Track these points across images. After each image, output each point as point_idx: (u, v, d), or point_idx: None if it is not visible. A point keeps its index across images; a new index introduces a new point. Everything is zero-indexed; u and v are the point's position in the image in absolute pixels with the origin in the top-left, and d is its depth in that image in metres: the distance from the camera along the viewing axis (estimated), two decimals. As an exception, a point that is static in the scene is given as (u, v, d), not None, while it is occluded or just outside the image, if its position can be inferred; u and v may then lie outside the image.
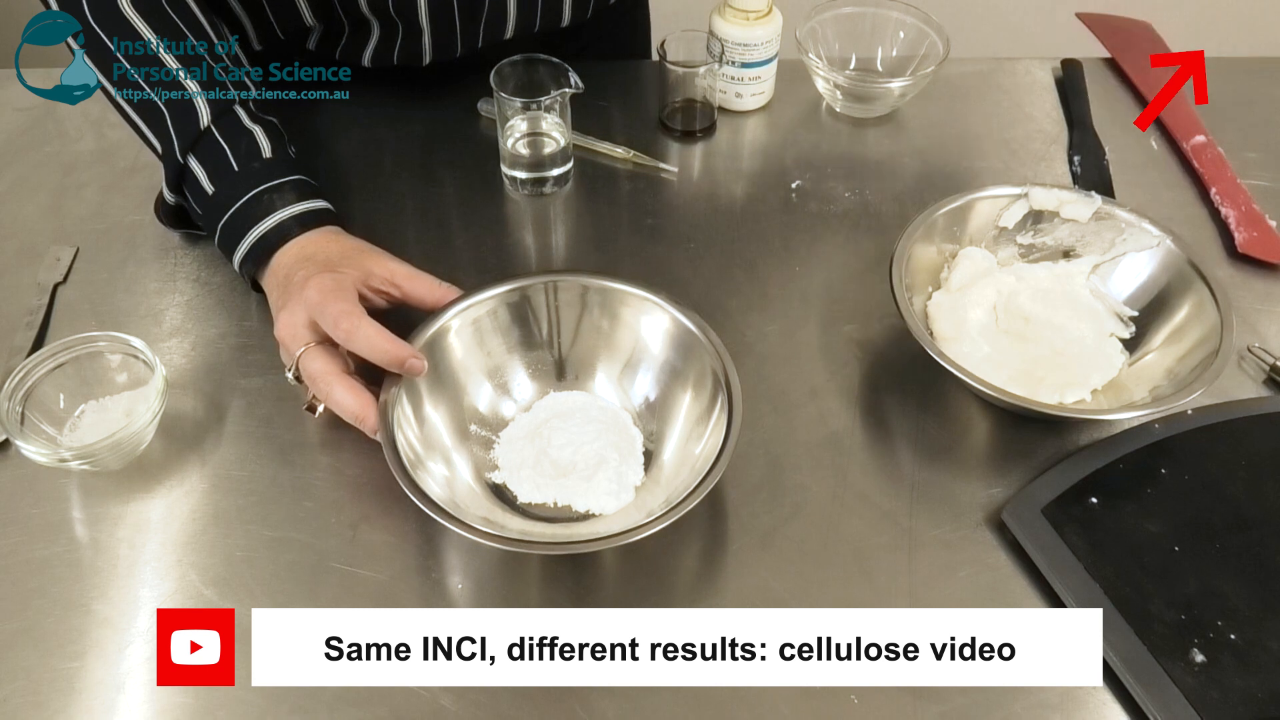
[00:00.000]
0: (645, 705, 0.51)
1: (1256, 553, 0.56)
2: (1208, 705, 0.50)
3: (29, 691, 0.52)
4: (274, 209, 0.65)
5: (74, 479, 0.60)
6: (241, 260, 0.66)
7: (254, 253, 0.65)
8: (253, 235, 0.65)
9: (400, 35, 0.79)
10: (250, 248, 0.65)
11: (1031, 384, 0.63)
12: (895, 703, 0.51)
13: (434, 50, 0.80)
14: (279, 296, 0.63)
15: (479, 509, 0.56)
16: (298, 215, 0.66)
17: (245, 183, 0.66)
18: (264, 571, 0.56)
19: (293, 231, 0.65)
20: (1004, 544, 0.58)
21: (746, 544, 0.58)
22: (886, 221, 0.77)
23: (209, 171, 0.66)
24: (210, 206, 0.66)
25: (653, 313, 0.62)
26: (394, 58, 0.81)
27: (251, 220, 0.65)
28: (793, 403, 0.65)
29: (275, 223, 0.65)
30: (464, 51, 0.82)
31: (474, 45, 0.82)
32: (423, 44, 0.80)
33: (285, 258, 0.64)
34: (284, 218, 0.65)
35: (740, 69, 0.83)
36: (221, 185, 0.66)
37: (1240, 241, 0.75)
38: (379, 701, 0.51)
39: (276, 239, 0.65)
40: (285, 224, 0.65)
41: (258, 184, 0.66)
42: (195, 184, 0.67)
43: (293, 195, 0.66)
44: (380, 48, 0.81)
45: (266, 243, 0.65)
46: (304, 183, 0.68)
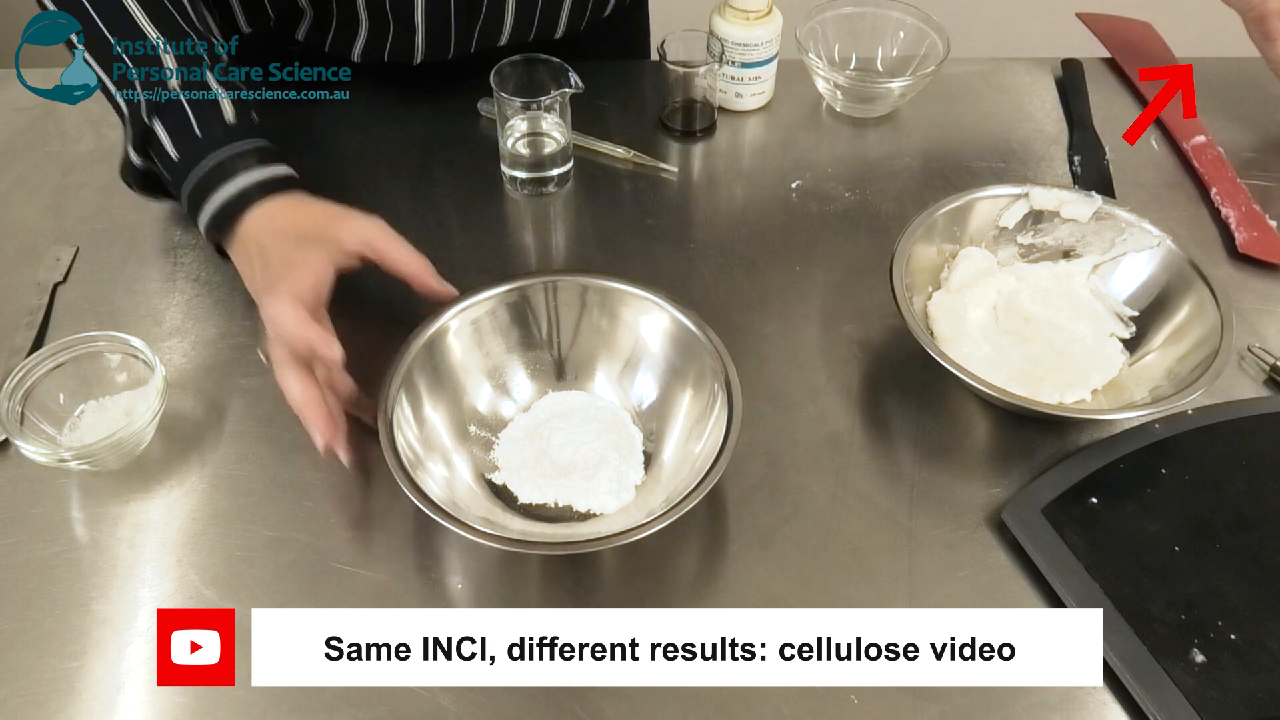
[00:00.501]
0: (645, 705, 0.51)
1: (1256, 553, 0.56)
2: (1208, 705, 0.49)
3: (29, 691, 0.52)
4: (234, 174, 0.64)
5: (74, 479, 0.60)
6: (206, 227, 0.65)
7: (217, 219, 0.64)
8: (214, 201, 0.64)
9: (391, 32, 0.79)
10: (214, 214, 0.64)
11: (1031, 384, 0.63)
12: (895, 703, 0.51)
13: (426, 50, 0.80)
14: (259, 272, 0.62)
15: (479, 509, 0.56)
16: (260, 182, 0.65)
17: (207, 149, 0.65)
18: (264, 571, 0.56)
19: (254, 196, 0.64)
20: (1004, 544, 0.58)
21: (746, 544, 0.58)
22: (886, 221, 0.77)
23: (173, 137, 0.66)
24: (175, 172, 0.66)
25: (653, 313, 0.62)
26: (385, 54, 0.81)
27: (213, 186, 0.64)
28: (793, 403, 0.65)
29: (237, 189, 0.64)
30: (456, 54, 0.82)
31: (467, 49, 0.81)
32: (416, 43, 0.79)
33: (253, 227, 0.64)
34: (246, 184, 0.64)
35: (740, 69, 0.83)
36: (184, 150, 0.65)
37: (1240, 241, 0.75)
38: (379, 701, 0.51)
39: (239, 205, 0.64)
40: (248, 190, 0.64)
41: (218, 149, 0.65)
42: (160, 148, 0.66)
43: (254, 160, 0.65)
44: (370, 43, 0.80)
45: (229, 209, 0.64)
46: (266, 149, 0.67)
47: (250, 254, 0.63)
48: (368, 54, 0.82)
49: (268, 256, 0.62)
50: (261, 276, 0.62)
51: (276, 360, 0.59)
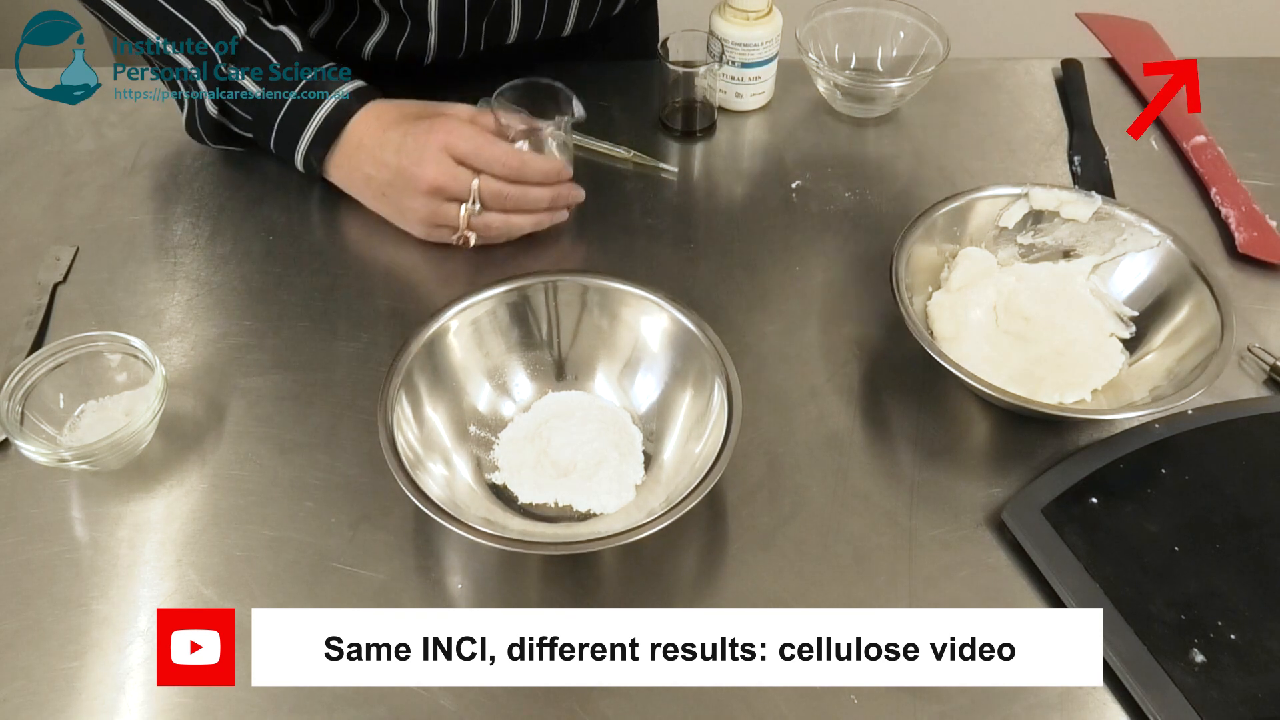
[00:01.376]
0: (645, 705, 0.51)
1: (1256, 553, 0.56)
2: (1208, 705, 0.49)
3: (29, 691, 0.52)
4: (328, 92, 0.69)
5: (74, 479, 0.60)
6: (308, 147, 0.70)
7: (321, 136, 0.69)
8: (315, 120, 0.69)
9: (408, 29, 0.79)
10: (316, 132, 0.69)
11: (1032, 384, 0.63)
12: (895, 703, 0.51)
13: (439, 48, 0.81)
14: (393, 160, 0.68)
15: (479, 509, 0.56)
16: (353, 90, 0.70)
17: (291, 76, 0.70)
18: (264, 571, 0.56)
19: (353, 108, 0.69)
20: (1004, 544, 0.58)
21: (746, 544, 0.58)
22: (886, 221, 0.77)
23: (253, 77, 0.70)
24: (260, 108, 0.70)
25: (653, 313, 0.62)
26: (397, 52, 0.81)
27: (310, 108, 0.69)
28: (793, 403, 0.65)
29: (335, 102, 0.69)
30: (467, 53, 0.82)
31: (477, 47, 0.82)
32: (429, 41, 0.80)
33: (362, 130, 0.69)
34: (342, 95, 0.70)
35: (740, 69, 0.83)
36: (267, 85, 0.70)
37: (1240, 241, 0.75)
38: (379, 701, 0.51)
39: (340, 117, 0.69)
40: (345, 102, 0.70)
41: (304, 74, 0.70)
42: (241, 92, 0.70)
43: (339, 78, 0.71)
44: (386, 39, 0.81)
45: (330, 124, 0.69)
46: (341, 67, 0.72)
47: (371, 154, 0.69)
48: (380, 50, 0.82)
49: (397, 144, 0.68)
50: (395, 160, 0.67)
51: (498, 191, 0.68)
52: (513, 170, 0.68)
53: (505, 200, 0.69)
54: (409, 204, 0.69)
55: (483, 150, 0.67)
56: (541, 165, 0.69)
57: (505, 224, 0.70)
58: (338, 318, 0.70)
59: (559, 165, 0.70)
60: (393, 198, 0.70)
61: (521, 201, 0.69)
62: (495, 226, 0.70)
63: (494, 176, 0.68)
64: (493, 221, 0.70)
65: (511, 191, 0.68)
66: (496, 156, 0.68)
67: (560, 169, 0.70)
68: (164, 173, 0.80)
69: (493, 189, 0.68)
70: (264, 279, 0.72)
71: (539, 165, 0.69)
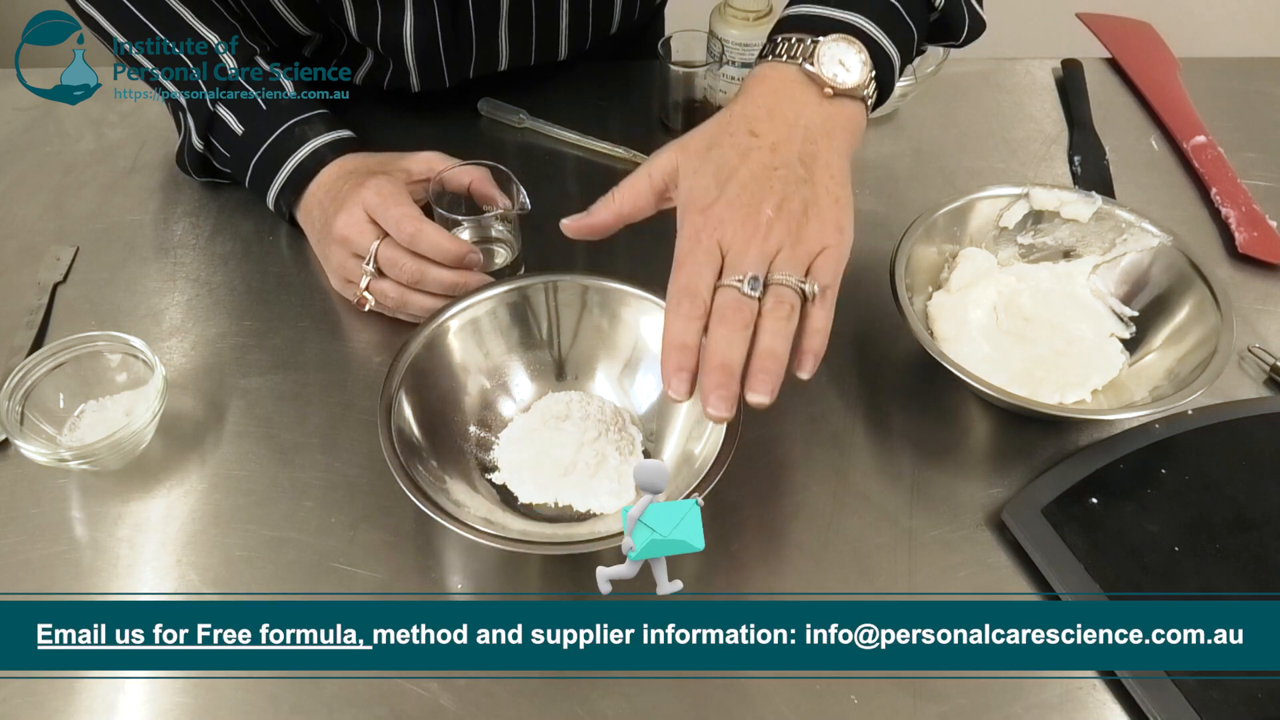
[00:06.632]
0: (645, 704, 0.51)
1: (1256, 553, 0.56)
2: (1208, 705, 0.49)
3: (29, 692, 0.52)
4: (306, 139, 0.69)
5: (74, 479, 0.60)
6: (279, 191, 0.69)
7: (292, 181, 0.69)
8: (289, 165, 0.69)
9: (390, 67, 0.80)
10: (288, 177, 0.69)
11: (1032, 384, 0.63)
12: (895, 703, 0.51)
13: (423, 82, 0.81)
14: (329, 206, 0.66)
15: (479, 509, 0.56)
16: (330, 143, 0.70)
17: (275, 118, 0.69)
18: (264, 571, 0.56)
19: (327, 158, 0.69)
20: (1004, 544, 0.58)
21: (746, 544, 0.58)
22: (886, 221, 0.77)
23: (237, 114, 0.70)
24: (241, 146, 0.70)
25: (653, 313, 0.62)
26: (385, 82, 0.82)
27: (285, 152, 0.69)
28: (793, 403, 0.65)
29: (310, 150, 0.69)
30: (456, 84, 0.82)
31: (465, 76, 0.82)
32: (410, 81, 0.81)
33: (325, 178, 0.68)
34: (318, 145, 0.69)
35: (740, 69, 0.83)
36: (250, 124, 0.70)
37: (1240, 242, 0.75)
38: (379, 701, 0.51)
39: (313, 166, 0.69)
40: (320, 151, 0.69)
41: (287, 119, 0.69)
42: (224, 128, 0.70)
43: (322, 126, 0.70)
44: (373, 72, 0.82)
45: (303, 170, 0.69)
46: (328, 115, 0.72)
47: (319, 200, 0.68)
48: (369, 81, 0.83)
49: (335, 191, 0.66)
50: (327, 207, 0.66)
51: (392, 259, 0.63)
52: (405, 237, 0.62)
53: (400, 271, 0.63)
54: (326, 252, 0.68)
55: (388, 209, 0.63)
56: (439, 242, 0.62)
57: (400, 296, 0.64)
58: (338, 318, 0.70)
59: (463, 250, 0.63)
60: (319, 245, 0.69)
61: (417, 277, 0.63)
62: (390, 296, 0.64)
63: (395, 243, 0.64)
64: (388, 290, 0.64)
65: (407, 264, 0.63)
66: (393, 218, 0.63)
67: (464, 254, 0.63)
68: (164, 173, 0.80)
69: (389, 256, 0.63)
70: (264, 279, 0.72)
71: (436, 240, 0.62)
